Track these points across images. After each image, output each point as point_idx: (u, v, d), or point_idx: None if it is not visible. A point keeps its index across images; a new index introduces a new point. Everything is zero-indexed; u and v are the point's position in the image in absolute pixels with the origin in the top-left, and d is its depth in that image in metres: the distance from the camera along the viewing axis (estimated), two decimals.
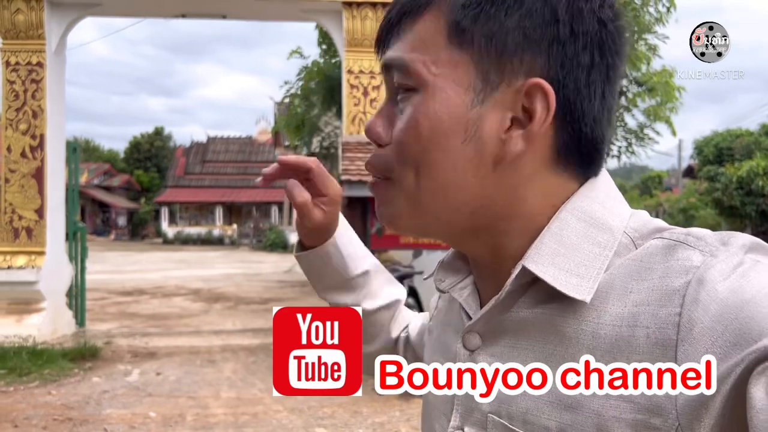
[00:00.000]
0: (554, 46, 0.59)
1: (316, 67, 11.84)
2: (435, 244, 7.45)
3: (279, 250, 27.75)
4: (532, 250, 0.61)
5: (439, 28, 0.62)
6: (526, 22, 0.59)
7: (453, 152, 0.61)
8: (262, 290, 14.42)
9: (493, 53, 0.60)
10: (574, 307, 0.59)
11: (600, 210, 0.63)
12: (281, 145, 27.73)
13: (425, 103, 0.61)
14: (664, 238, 0.59)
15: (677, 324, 0.52)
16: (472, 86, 0.60)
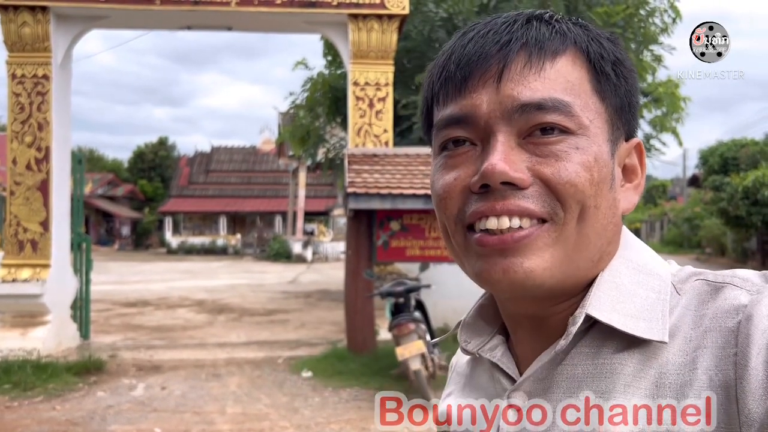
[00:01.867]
0: (637, 112, 0.69)
1: (321, 79, 11.84)
2: (442, 257, 7.40)
3: (282, 260, 27.70)
4: (592, 298, 0.62)
5: (583, 75, 0.64)
6: (634, 87, 0.67)
7: (606, 198, 0.63)
8: (267, 301, 14.36)
9: (618, 110, 0.66)
10: (636, 353, 0.60)
11: (644, 258, 0.67)
12: (285, 155, 27.77)
13: (591, 147, 0.62)
14: (709, 281, 0.62)
15: (734, 363, 0.55)
16: (608, 138, 0.64)
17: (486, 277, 0.62)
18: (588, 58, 0.64)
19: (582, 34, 0.65)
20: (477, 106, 0.62)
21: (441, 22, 10.64)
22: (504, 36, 0.63)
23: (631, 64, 0.68)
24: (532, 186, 0.60)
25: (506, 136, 0.61)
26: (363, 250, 7.55)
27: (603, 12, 9.16)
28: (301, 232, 29.16)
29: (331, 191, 33.99)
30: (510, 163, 0.60)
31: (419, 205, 7.09)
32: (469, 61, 0.63)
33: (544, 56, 0.62)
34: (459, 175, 0.64)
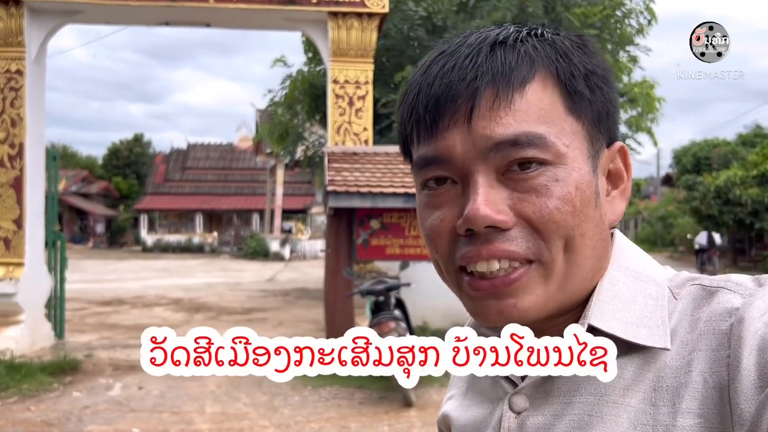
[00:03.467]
0: (617, 115, 0.68)
1: (300, 76, 11.80)
2: (422, 255, 7.43)
3: (260, 258, 27.55)
4: (593, 308, 0.63)
5: (555, 99, 0.62)
6: (610, 93, 0.66)
7: (592, 220, 0.63)
8: (245, 300, 14.27)
9: (596, 122, 0.65)
10: (635, 358, 0.62)
11: (640, 264, 0.68)
12: (263, 152, 27.61)
13: (570, 175, 0.61)
14: (704, 285, 0.63)
15: (727, 365, 0.56)
16: (588, 154, 0.64)
17: (483, 318, 0.64)
18: (559, 80, 0.62)
19: (550, 52, 0.63)
20: (451, 147, 0.61)
21: (420, 20, 10.66)
22: (469, 72, 0.61)
23: (605, 69, 0.66)
24: (515, 227, 0.60)
25: (485, 176, 0.61)
26: (343, 249, 7.54)
27: (580, 13, 9.25)
28: (279, 230, 29.02)
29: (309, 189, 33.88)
30: (491, 205, 0.59)
31: (399, 203, 7.11)
32: (437, 102, 0.62)
33: (512, 88, 0.60)
34: (445, 216, 0.64)
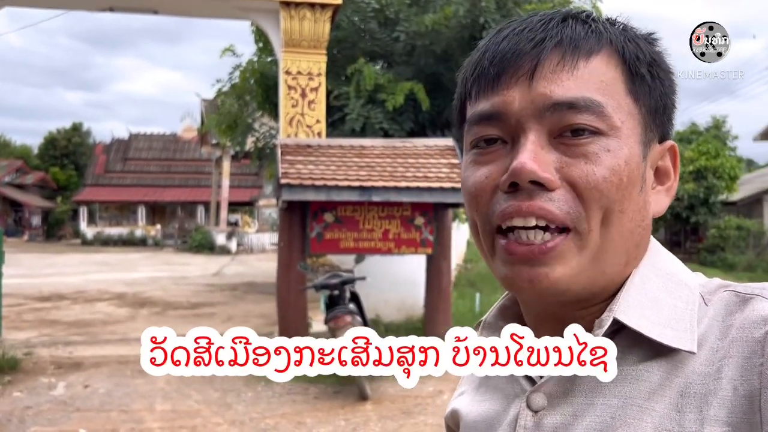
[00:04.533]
0: (673, 114, 0.68)
1: (251, 66, 11.58)
2: (376, 249, 7.41)
3: (205, 252, 27.01)
4: (620, 303, 0.62)
5: (617, 75, 0.63)
6: (671, 89, 0.66)
7: (635, 202, 0.63)
8: (191, 294, 13.97)
9: (652, 112, 0.65)
10: (662, 362, 0.60)
11: (673, 267, 0.67)
12: (208, 143, 27.04)
13: (621, 149, 0.61)
14: (738, 292, 0.62)
15: (760, 373, 0.55)
16: (641, 139, 0.64)
17: (512, 284, 0.63)
18: (623, 59, 0.63)
19: (618, 34, 0.64)
20: (509, 103, 0.62)
21: (373, 12, 10.62)
22: (539, 34, 0.62)
23: (669, 66, 0.67)
24: (559, 189, 0.60)
25: (537, 135, 0.61)
26: (296, 242, 7.46)
27: (532, 9, 9.38)
28: (225, 223, 28.51)
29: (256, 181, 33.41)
30: (539, 163, 0.59)
31: (354, 197, 7.07)
32: (503, 57, 0.63)
33: (578, 55, 0.61)
34: (490, 173, 0.63)
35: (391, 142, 8.31)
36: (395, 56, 10.95)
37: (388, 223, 7.55)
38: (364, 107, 9.75)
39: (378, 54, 11.11)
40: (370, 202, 7.28)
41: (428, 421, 5.39)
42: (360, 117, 9.64)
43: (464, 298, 11.00)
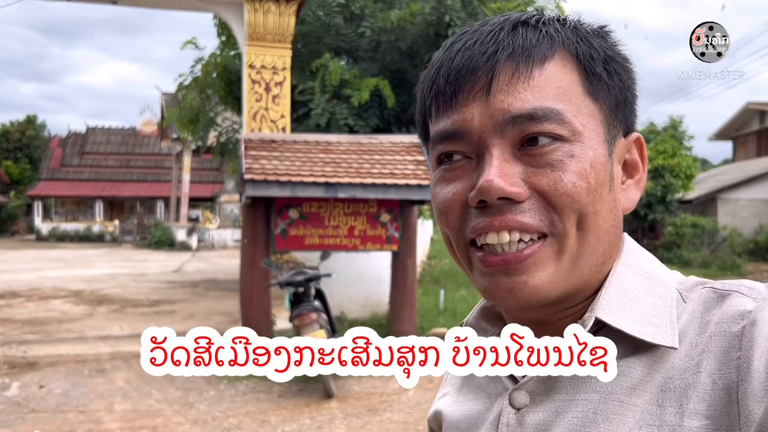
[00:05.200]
0: (635, 106, 0.68)
1: (214, 60, 11.39)
2: (341, 245, 7.37)
3: (165, 248, 26.54)
4: (601, 302, 0.62)
5: (574, 78, 0.62)
6: (629, 81, 0.66)
7: (606, 202, 0.63)
8: (150, 291, 13.69)
9: (613, 108, 0.65)
10: (643, 358, 0.61)
11: (649, 265, 0.68)
12: (168, 137, 26.55)
13: (585, 153, 0.61)
14: (716, 289, 0.63)
15: (737, 366, 0.56)
16: (605, 138, 0.64)
17: (493, 295, 0.63)
18: (578, 60, 0.63)
19: (570, 35, 0.64)
20: (468, 120, 0.62)
21: (338, 7, 10.55)
22: (490, 46, 0.62)
23: (625, 59, 0.67)
24: (529, 199, 0.60)
25: (501, 149, 0.61)
26: (260, 239, 7.36)
27: (496, 8, 9.44)
28: (185, 219, 28.06)
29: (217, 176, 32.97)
30: (505, 177, 0.60)
31: (319, 193, 7.01)
32: (458, 74, 0.62)
33: (532, 64, 0.61)
34: (457, 189, 0.64)
35: (356, 138, 8.26)
36: (360, 52, 10.90)
37: (353, 219, 7.51)
38: (329, 103, 9.68)
39: (343, 49, 11.04)
40: (335, 199, 7.23)
41: (394, 418, 5.38)
42: (325, 112, 9.56)
43: (429, 294, 11.03)
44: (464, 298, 11.06)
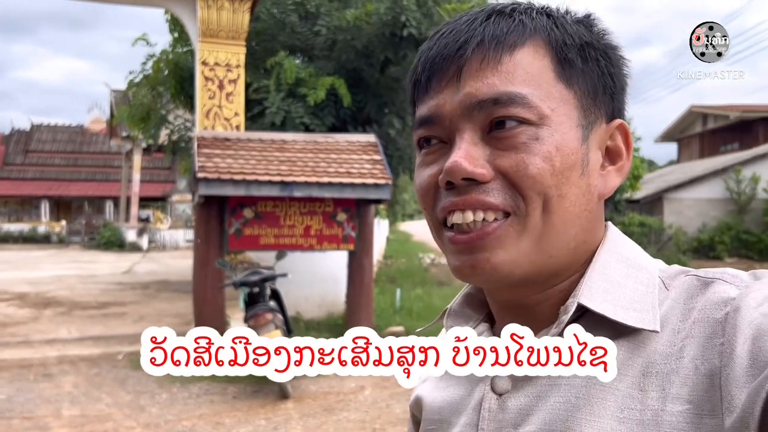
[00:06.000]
0: (621, 93, 0.69)
1: (165, 56, 11.15)
2: (297, 245, 7.31)
3: (115, 249, 25.89)
4: (583, 288, 0.63)
5: (545, 64, 0.64)
6: (613, 70, 0.67)
7: (575, 186, 0.63)
8: (100, 293, 13.32)
9: (591, 93, 0.65)
10: (624, 342, 0.61)
11: (632, 252, 0.69)
12: (118, 136, 25.91)
13: (552, 136, 0.62)
14: (699, 277, 0.63)
15: (720, 352, 0.56)
16: (578, 123, 0.64)
17: (460, 272, 0.65)
18: (550, 47, 0.64)
19: (545, 22, 0.65)
20: (441, 106, 0.65)
21: (293, 5, 10.47)
22: (462, 36, 0.64)
23: (607, 45, 0.67)
24: (493, 180, 0.62)
25: (469, 134, 0.63)
26: (214, 239, 7.25)
27: (451, 8, 9.51)
28: (136, 219, 27.42)
29: (169, 175, 32.31)
30: (470, 160, 0.62)
31: (275, 192, 6.94)
32: (432, 63, 0.66)
33: (501, 51, 0.63)
34: (432, 172, 0.66)
35: (312, 137, 8.22)
36: (316, 50, 10.84)
37: (309, 218, 7.47)
38: (284, 101, 9.59)
39: (298, 47, 10.96)
40: (291, 198, 7.17)
41: (350, 417, 5.37)
42: (280, 111, 9.47)
43: (385, 293, 11.05)
44: (420, 296, 11.12)
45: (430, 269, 16.89)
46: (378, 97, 10.71)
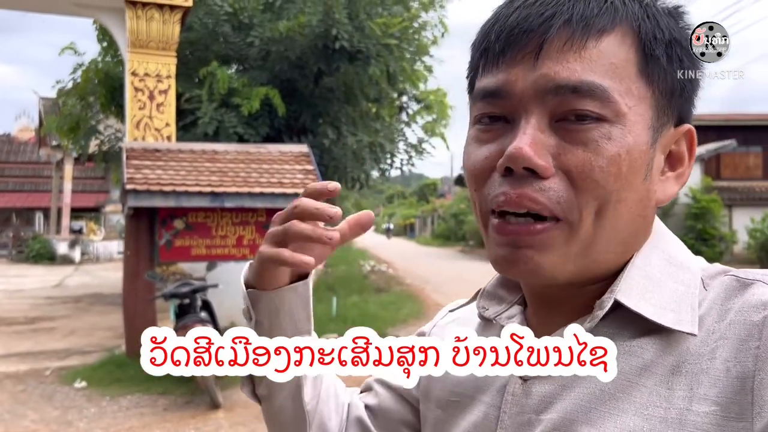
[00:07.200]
0: (694, 96, 0.65)
1: (94, 66, 10.98)
2: (229, 255, 7.34)
3: (45, 262, 24.99)
4: (622, 284, 0.61)
5: (630, 57, 0.60)
6: (692, 72, 0.63)
7: (636, 191, 0.60)
8: (28, 308, 12.91)
9: (668, 94, 0.61)
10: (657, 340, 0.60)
11: (675, 250, 0.66)
12: (47, 145, 25.07)
13: (625, 137, 0.58)
14: (739, 277, 0.61)
15: (755, 356, 0.54)
16: (651, 124, 0.61)
17: (498, 265, 0.63)
18: (639, 38, 0.60)
19: (637, 10, 0.61)
20: (512, 82, 0.60)
21: (226, 16, 10.49)
22: (549, 9, 0.59)
23: (693, 46, 0.64)
24: (553, 177, 0.58)
25: (538, 118, 0.59)
26: (144, 250, 7.21)
27: (382, 23, 9.73)
28: (68, 231, 26.56)
29: (102, 185, 31.43)
30: (535, 148, 0.58)
31: (205, 203, 6.97)
32: (510, 33, 0.60)
33: (588, 34, 0.58)
34: (490, 153, 0.62)
35: (244, 147, 8.27)
36: (250, 60, 10.88)
37: (242, 229, 7.52)
38: (217, 111, 9.60)
39: (232, 57, 10.98)
40: (222, 208, 7.21)
41: None
42: (213, 121, 9.48)
43: (322, 302, 11.13)
44: (356, 304, 11.28)
45: (370, 276, 17.05)
46: (313, 107, 10.83)
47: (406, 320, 10.21)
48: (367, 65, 9.99)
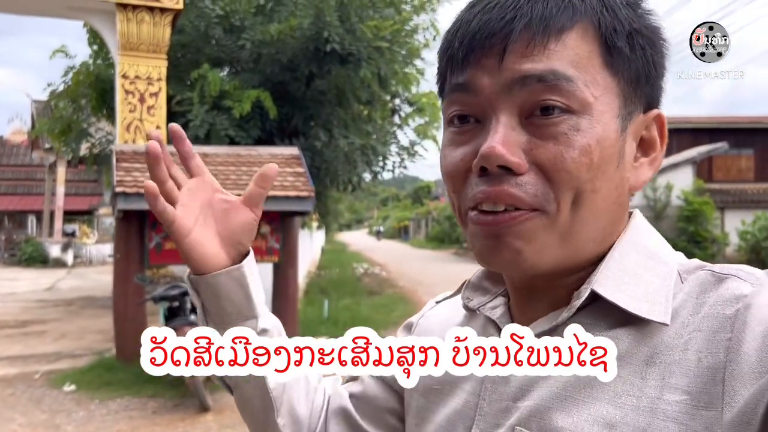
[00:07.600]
0: (660, 81, 0.66)
1: (85, 68, 10.96)
2: None
3: (37, 265, 24.89)
4: (599, 275, 0.62)
5: (594, 48, 0.61)
6: (656, 58, 0.64)
7: (609, 179, 0.62)
8: (19, 312, 12.86)
9: (633, 82, 0.63)
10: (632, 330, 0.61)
11: (653, 244, 0.67)
12: (40, 148, 25.02)
13: (593, 127, 0.60)
14: (715, 272, 0.62)
15: (726, 348, 0.55)
16: (619, 113, 0.62)
17: (480, 256, 0.64)
18: (599, 32, 0.61)
19: (596, 4, 0.62)
20: (479, 77, 0.62)
21: (218, 19, 10.48)
22: (509, 12, 0.60)
23: (653, 32, 0.64)
24: (527, 172, 0.60)
25: (507, 116, 0.61)
26: (134, 253, 7.19)
27: (373, 26, 9.74)
28: (60, 234, 26.48)
29: (95, 188, 31.33)
30: (507, 146, 0.59)
31: None
32: (473, 38, 0.62)
33: (549, 34, 0.59)
34: (464, 154, 0.64)
35: (235, 149, 8.26)
36: (241, 63, 10.87)
37: None
38: (208, 113, 9.58)
39: (223, 60, 10.97)
40: None
41: None
42: (204, 123, 9.47)
43: (314, 304, 11.14)
44: (348, 306, 11.28)
45: (363, 279, 17.05)
46: (304, 109, 10.83)
47: (398, 322, 10.21)
48: (358, 68, 9.99)
